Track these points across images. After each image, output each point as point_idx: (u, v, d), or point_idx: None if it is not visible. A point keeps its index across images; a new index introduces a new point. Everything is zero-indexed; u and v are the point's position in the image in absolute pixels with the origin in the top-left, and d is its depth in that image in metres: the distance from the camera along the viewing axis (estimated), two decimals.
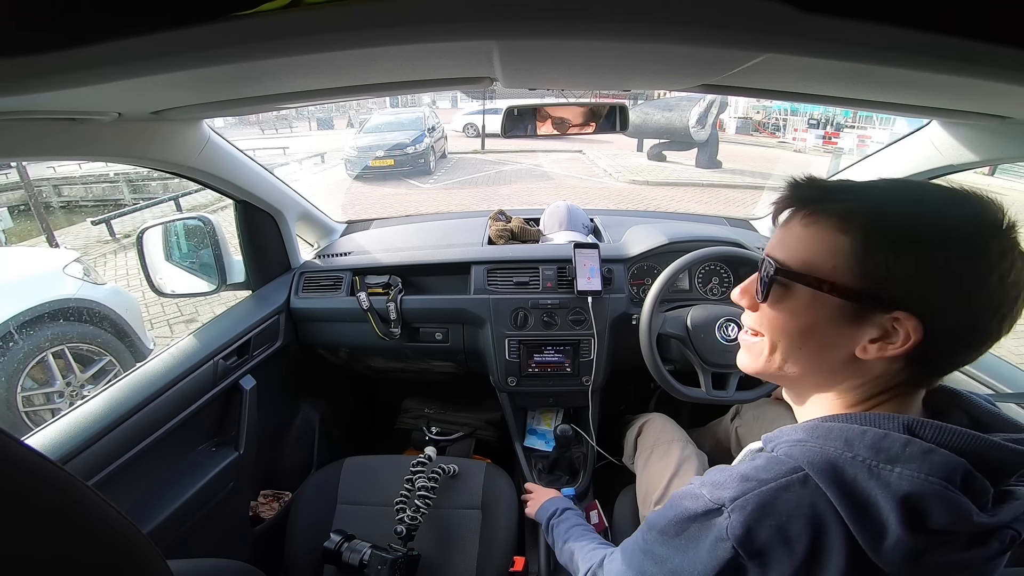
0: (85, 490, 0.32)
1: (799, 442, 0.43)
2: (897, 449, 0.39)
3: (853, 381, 0.45)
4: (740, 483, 0.43)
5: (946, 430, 0.40)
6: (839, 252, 0.42)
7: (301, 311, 1.35)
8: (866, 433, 0.41)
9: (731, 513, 0.42)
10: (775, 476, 0.42)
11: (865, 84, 0.57)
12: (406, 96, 11.87)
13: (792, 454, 0.43)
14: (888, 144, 1.17)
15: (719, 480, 0.45)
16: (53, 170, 8.04)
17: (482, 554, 1.03)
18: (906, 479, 0.38)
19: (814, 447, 0.42)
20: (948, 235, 0.40)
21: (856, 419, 0.43)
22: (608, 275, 1.29)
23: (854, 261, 0.41)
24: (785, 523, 0.40)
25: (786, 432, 0.46)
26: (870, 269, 0.41)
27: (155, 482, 0.95)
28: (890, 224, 0.41)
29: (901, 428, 0.41)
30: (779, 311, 0.47)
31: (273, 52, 0.37)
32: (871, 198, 0.43)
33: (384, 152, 9.15)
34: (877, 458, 0.39)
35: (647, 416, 1.23)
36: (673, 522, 0.47)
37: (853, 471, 0.39)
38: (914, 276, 0.40)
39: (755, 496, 0.41)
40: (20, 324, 2.34)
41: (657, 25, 0.35)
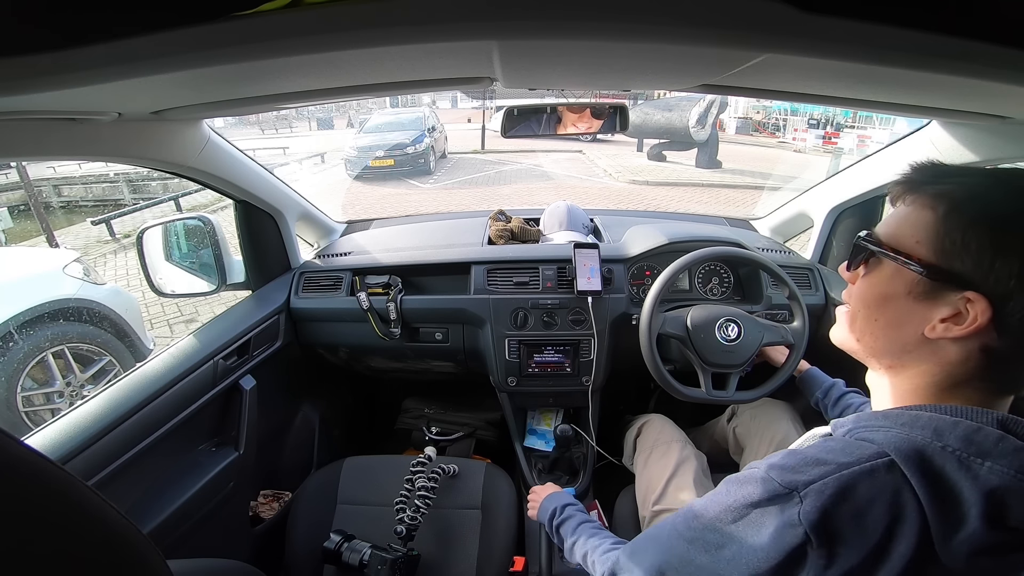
0: (85, 490, 0.32)
1: (881, 428, 0.42)
2: (990, 444, 0.38)
3: (926, 365, 0.45)
4: (815, 467, 0.41)
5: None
6: (923, 227, 0.43)
7: (301, 311, 1.35)
8: (958, 424, 0.40)
9: (805, 497, 0.40)
10: (857, 460, 0.40)
11: (865, 84, 0.57)
12: (406, 96, 11.87)
13: (874, 439, 0.42)
14: (888, 144, 1.17)
15: (789, 463, 0.43)
16: (53, 170, 8.04)
17: (482, 554, 1.03)
18: (996, 474, 0.37)
19: (900, 434, 0.41)
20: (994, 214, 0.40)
21: (947, 410, 0.42)
22: (608, 275, 1.29)
23: (935, 236, 0.42)
24: (864, 509, 0.39)
25: (864, 418, 0.46)
26: (947, 245, 0.41)
27: (155, 482, 0.95)
28: (971, 202, 0.41)
29: (995, 423, 0.40)
30: (865, 281, 0.49)
31: (273, 52, 0.37)
32: (970, 179, 0.43)
33: (384, 152, 9.15)
34: (968, 450, 0.39)
35: (646, 417, 1.23)
36: (731, 508, 0.45)
37: (942, 461, 0.39)
38: (986, 255, 0.39)
39: (835, 480, 0.40)
40: (20, 324, 2.34)
41: (657, 25, 0.35)
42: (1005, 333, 0.40)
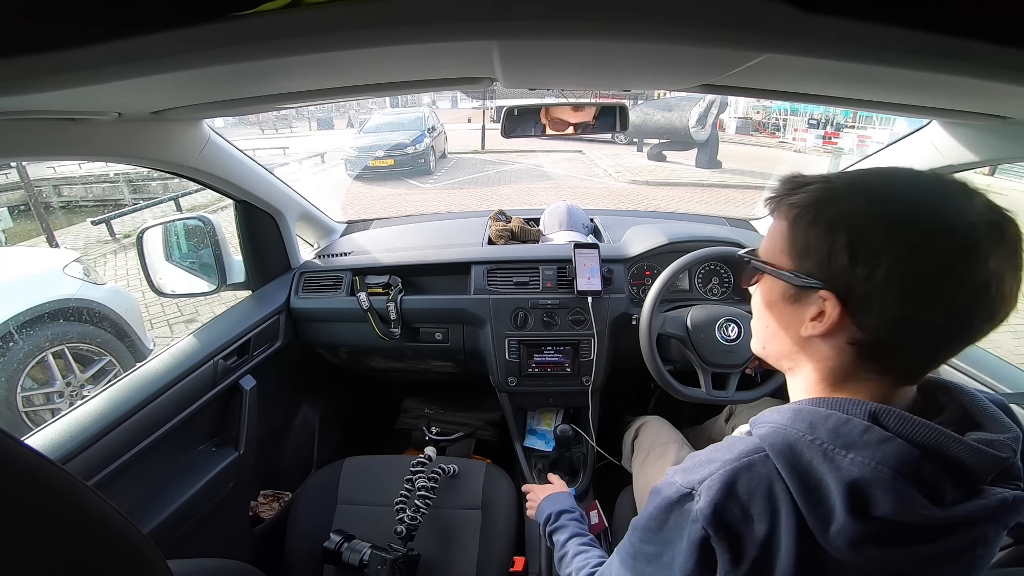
0: (85, 490, 0.32)
1: (769, 423, 0.44)
2: (855, 435, 0.39)
3: (811, 363, 0.47)
4: (706, 465, 0.44)
5: (909, 420, 0.40)
6: (781, 236, 0.46)
7: (301, 311, 1.35)
8: (830, 417, 0.41)
9: (700, 496, 0.42)
10: (738, 456, 0.43)
11: (865, 84, 0.57)
12: (406, 96, 11.87)
13: (761, 434, 0.44)
14: (888, 144, 1.17)
15: (689, 465, 0.46)
16: (53, 170, 8.04)
17: (482, 554, 1.03)
18: (856, 465, 0.38)
19: (779, 428, 0.43)
20: (860, 217, 0.41)
21: (825, 403, 0.44)
22: (608, 275, 1.29)
23: (790, 243, 0.45)
24: (747, 501, 0.41)
25: (765, 414, 0.47)
26: (799, 250, 0.44)
27: (155, 482, 0.95)
28: (810, 207, 0.43)
29: (865, 415, 0.41)
30: (755, 294, 0.52)
31: (273, 52, 0.37)
32: (815, 186, 0.45)
33: (384, 152, 9.15)
34: (835, 443, 0.40)
35: (644, 419, 1.23)
36: (654, 516, 0.47)
37: (810, 454, 0.40)
38: (825, 254, 0.42)
39: (720, 475, 0.42)
40: (20, 324, 2.34)
41: (657, 25, 0.35)
42: (862, 325, 0.41)
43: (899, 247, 0.38)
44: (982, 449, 0.39)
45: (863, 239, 0.40)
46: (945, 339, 0.41)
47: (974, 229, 0.38)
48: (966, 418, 0.44)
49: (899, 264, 0.38)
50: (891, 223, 0.39)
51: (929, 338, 0.41)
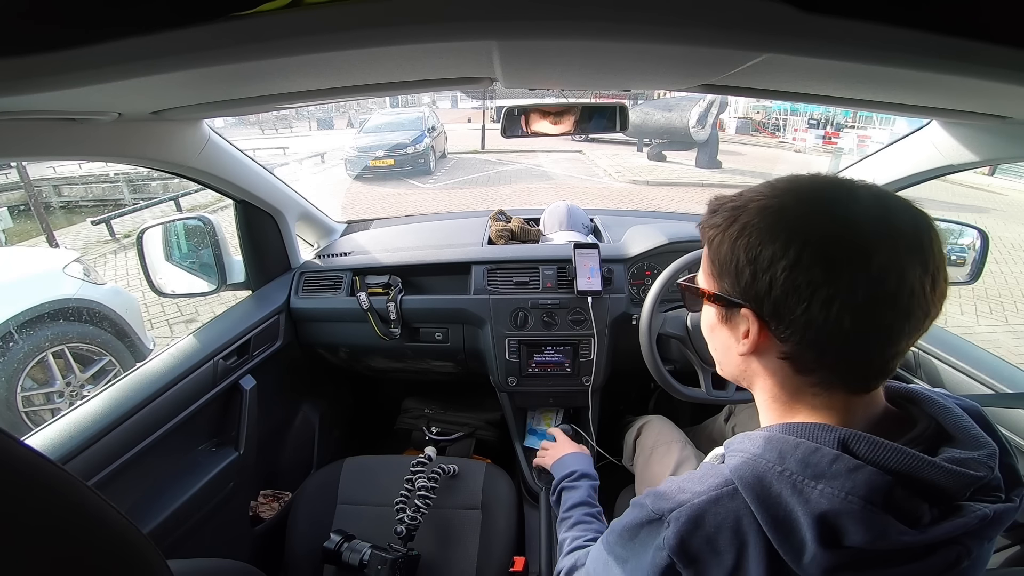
0: (85, 490, 0.32)
1: (740, 452, 0.44)
2: (824, 465, 0.39)
3: (760, 382, 0.48)
4: (677, 494, 0.44)
5: (880, 445, 0.39)
6: (704, 258, 0.48)
7: (301, 311, 1.35)
8: (799, 447, 0.41)
9: (668, 524, 0.43)
10: (707, 488, 0.43)
11: (865, 84, 0.57)
12: (406, 96, 11.87)
13: (731, 465, 0.43)
14: (888, 144, 1.17)
15: (661, 491, 0.46)
16: (53, 170, 8.04)
17: (482, 554, 1.03)
18: (826, 497, 0.37)
19: (749, 459, 0.42)
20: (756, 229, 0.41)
21: (795, 429, 0.43)
22: (608, 275, 1.29)
23: (710, 267, 0.47)
24: (714, 535, 0.41)
25: (737, 441, 0.47)
26: (716, 272, 0.45)
27: (155, 482, 0.95)
28: (715, 229, 0.44)
29: (835, 443, 0.40)
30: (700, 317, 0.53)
31: (273, 52, 0.37)
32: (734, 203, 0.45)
33: (384, 152, 9.15)
34: (804, 473, 0.39)
35: (646, 418, 1.23)
36: (628, 527, 0.48)
37: (779, 487, 0.39)
38: (733, 272, 0.43)
39: (688, 509, 0.42)
40: (20, 324, 2.34)
41: (657, 25, 0.35)
42: (782, 338, 0.41)
43: (789, 254, 0.39)
44: (956, 470, 0.38)
45: (760, 250, 0.40)
46: (862, 343, 0.39)
47: (858, 227, 0.38)
48: (939, 432, 0.43)
49: (793, 271, 0.38)
50: (782, 231, 0.40)
51: (844, 343, 0.39)
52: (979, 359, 1.01)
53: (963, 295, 4.06)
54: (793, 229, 0.39)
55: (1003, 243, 5.41)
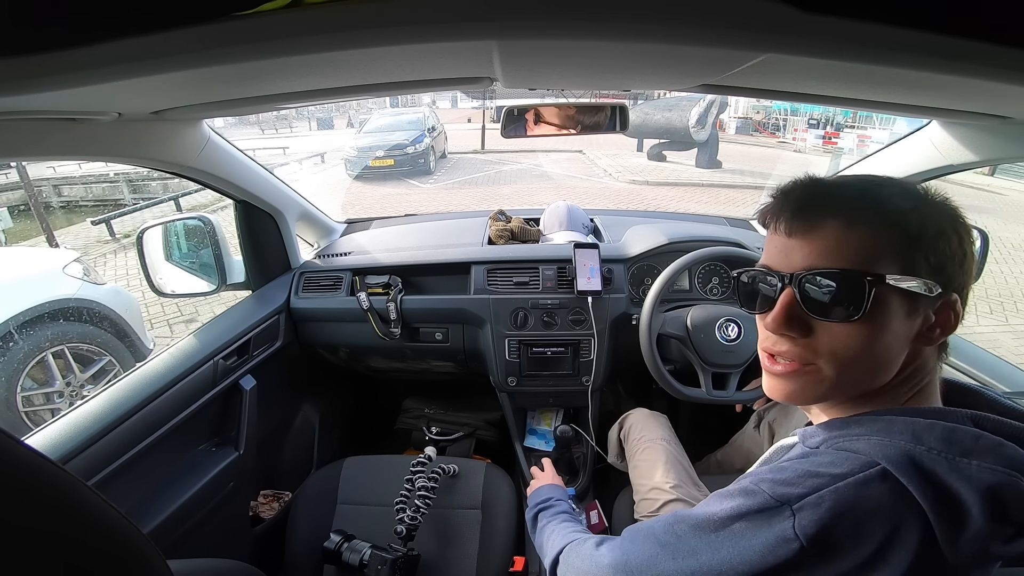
0: (85, 490, 0.32)
1: (860, 436, 0.42)
2: (969, 442, 0.39)
3: (899, 376, 0.45)
4: (809, 479, 0.41)
5: (1005, 424, 0.41)
6: (895, 248, 0.43)
7: (301, 311, 1.35)
8: (934, 427, 0.40)
9: (799, 511, 0.40)
10: (850, 471, 0.40)
11: (865, 84, 0.57)
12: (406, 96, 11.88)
13: (858, 448, 0.41)
14: (888, 144, 1.17)
15: (781, 477, 0.42)
16: (53, 170, 8.03)
17: (482, 554, 1.03)
18: (986, 471, 0.37)
19: (883, 441, 0.40)
20: (945, 218, 0.44)
21: (918, 412, 0.43)
22: (608, 275, 1.29)
23: (908, 254, 0.43)
24: (863, 520, 0.39)
25: (835, 426, 0.45)
26: (920, 261, 0.43)
27: (155, 482, 0.95)
28: (919, 216, 0.43)
29: (968, 421, 0.41)
30: (856, 327, 0.43)
31: (273, 52, 0.37)
32: (885, 195, 0.45)
33: (384, 152, 9.15)
34: (951, 451, 0.38)
35: (627, 413, 1.21)
36: (715, 518, 0.44)
37: (932, 464, 0.38)
38: (950, 258, 0.43)
39: (831, 492, 0.39)
40: (20, 324, 2.34)
41: (657, 25, 0.35)
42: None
43: (955, 232, 0.44)
44: None
45: (949, 232, 0.43)
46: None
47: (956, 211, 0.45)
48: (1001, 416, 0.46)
49: (961, 247, 0.44)
50: (941, 216, 0.44)
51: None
52: (979, 359, 1.01)
53: None
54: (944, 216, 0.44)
55: (1003, 243, 5.41)
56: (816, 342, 0.45)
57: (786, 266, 0.46)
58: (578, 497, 1.23)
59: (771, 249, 0.48)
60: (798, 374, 0.46)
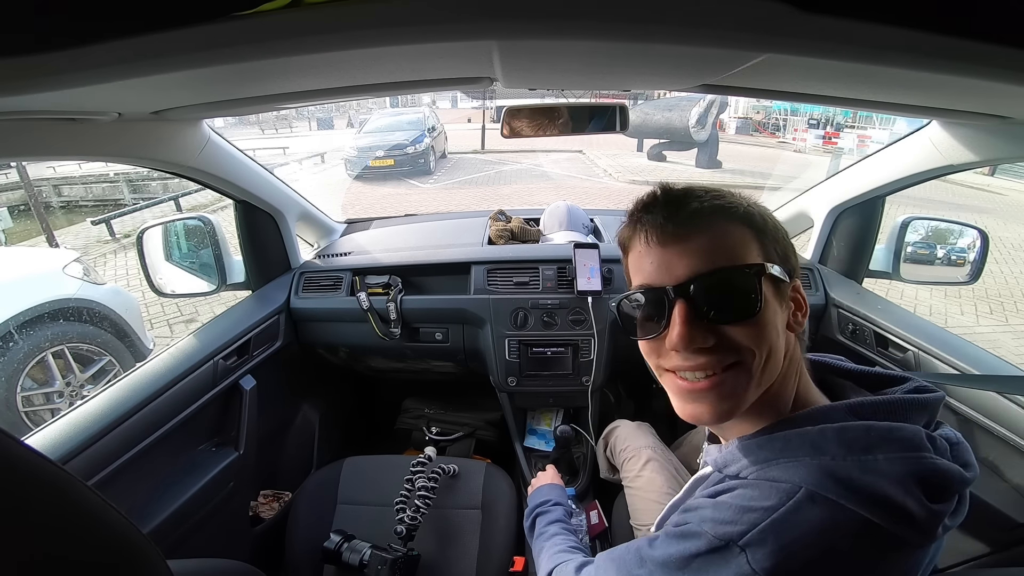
0: (85, 490, 0.32)
1: (768, 462, 0.43)
2: (863, 438, 0.40)
3: (788, 367, 0.47)
4: (744, 514, 0.41)
5: (886, 403, 0.42)
6: (755, 241, 0.46)
7: (301, 311, 1.35)
8: (824, 431, 0.41)
9: (747, 548, 0.39)
10: (780, 502, 0.40)
11: (865, 84, 0.57)
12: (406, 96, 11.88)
13: (776, 476, 0.41)
14: (888, 144, 1.17)
15: (719, 516, 0.42)
16: (53, 170, 8.04)
17: (482, 554, 1.03)
18: (894, 462, 0.38)
19: (791, 463, 0.41)
20: (768, 212, 0.49)
21: (801, 421, 0.43)
22: (608, 275, 1.29)
23: (764, 245, 0.46)
24: (811, 543, 0.38)
25: (736, 456, 0.46)
26: (776, 249, 0.47)
27: (155, 482, 0.95)
28: (758, 211, 0.48)
29: (850, 415, 0.42)
30: (759, 321, 0.43)
31: (273, 52, 0.37)
32: (726, 195, 0.48)
33: (384, 152, 9.15)
34: (852, 452, 0.39)
35: (611, 426, 1.19)
36: (674, 559, 0.44)
37: (845, 471, 0.39)
38: (789, 246, 0.48)
39: (770, 525, 0.39)
40: (20, 324, 2.34)
41: (657, 25, 0.35)
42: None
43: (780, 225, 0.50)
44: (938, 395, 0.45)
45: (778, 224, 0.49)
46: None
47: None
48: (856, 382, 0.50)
49: (788, 237, 0.50)
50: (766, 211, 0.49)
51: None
52: (979, 359, 1.01)
53: (963, 295, 4.06)
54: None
55: (1003, 243, 5.41)
56: (727, 341, 0.44)
57: (669, 278, 0.44)
58: (578, 497, 1.23)
59: (644, 267, 0.47)
60: (724, 380, 0.44)
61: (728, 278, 0.43)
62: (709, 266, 0.43)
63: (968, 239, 1.19)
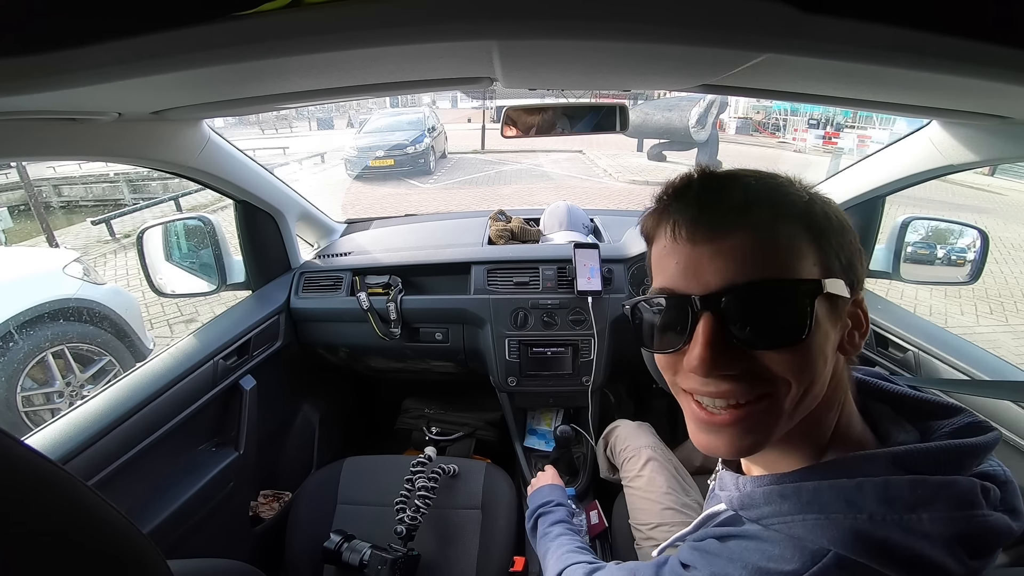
0: (85, 490, 0.32)
1: (795, 516, 0.37)
2: (908, 495, 0.34)
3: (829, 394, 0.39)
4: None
5: (936, 452, 0.36)
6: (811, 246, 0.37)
7: (301, 311, 1.35)
8: (863, 486, 0.35)
9: None
10: (803, 566, 0.35)
11: (865, 84, 0.57)
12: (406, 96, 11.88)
13: (800, 535, 0.36)
14: (888, 144, 1.17)
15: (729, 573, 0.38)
16: (53, 170, 8.04)
17: (482, 554, 1.03)
18: (940, 523, 0.33)
19: (820, 520, 0.35)
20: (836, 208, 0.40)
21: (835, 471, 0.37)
22: (608, 275, 1.29)
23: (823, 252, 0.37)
24: None
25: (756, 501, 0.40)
26: (840, 257, 0.38)
27: (155, 482, 0.95)
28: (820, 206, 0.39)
29: (893, 468, 0.35)
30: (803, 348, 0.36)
31: (273, 52, 0.37)
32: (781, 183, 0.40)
33: (384, 152, 9.16)
34: (894, 511, 0.34)
35: (612, 425, 1.19)
36: None
37: (882, 533, 0.33)
38: (855, 253, 0.39)
39: None
40: (20, 324, 2.34)
41: (657, 25, 0.35)
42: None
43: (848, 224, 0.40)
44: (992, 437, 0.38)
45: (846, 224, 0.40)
46: None
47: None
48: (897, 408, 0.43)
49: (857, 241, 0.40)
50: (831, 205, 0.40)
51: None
52: (979, 359, 1.01)
53: (963, 295, 4.06)
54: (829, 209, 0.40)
55: (1003, 243, 5.41)
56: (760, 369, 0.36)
57: (697, 286, 0.37)
58: (578, 497, 1.23)
59: (668, 267, 0.39)
60: (750, 415, 0.37)
61: (771, 295, 0.35)
62: (748, 276, 0.35)
63: (968, 239, 1.19)
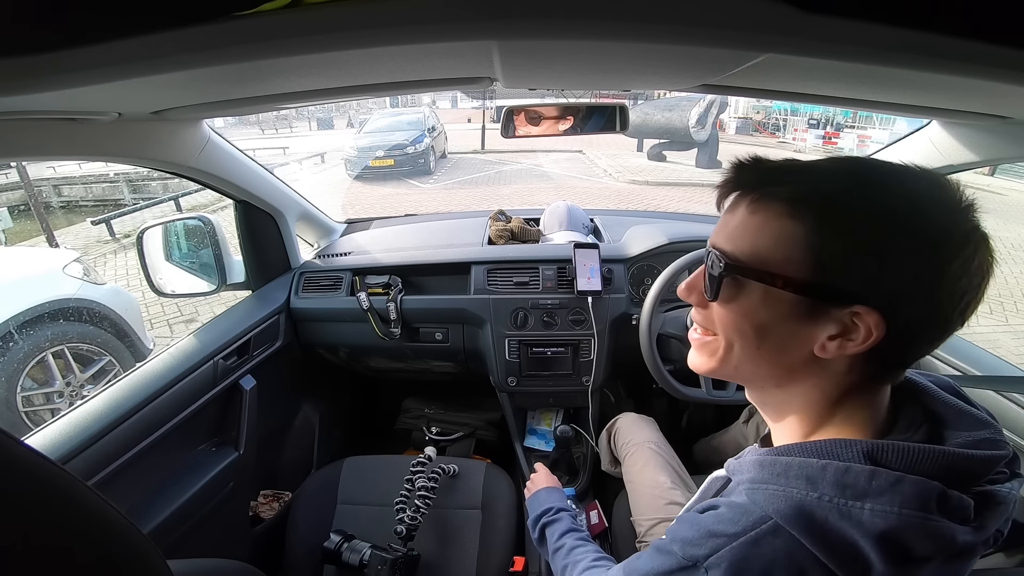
0: (85, 490, 0.32)
1: (761, 484, 0.41)
2: (863, 483, 0.36)
3: (815, 380, 0.43)
4: (709, 539, 0.41)
5: (911, 451, 0.37)
6: (790, 241, 0.38)
7: (301, 311, 1.35)
8: (827, 468, 0.38)
9: (708, 570, 0.40)
10: (743, 529, 0.39)
11: (865, 84, 0.57)
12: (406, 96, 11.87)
13: (756, 500, 0.40)
14: (888, 144, 1.17)
15: (689, 536, 0.43)
16: (53, 170, 8.04)
17: (482, 554, 1.03)
18: (879, 515, 0.35)
19: (777, 491, 0.39)
20: (905, 216, 0.36)
21: (813, 450, 0.40)
22: (608, 275, 1.29)
23: (807, 251, 0.38)
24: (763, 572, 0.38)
25: (746, 466, 0.45)
26: (825, 260, 0.38)
27: (155, 482, 0.95)
28: (842, 207, 0.37)
29: (862, 457, 0.38)
30: (731, 309, 0.43)
31: (273, 52, 0.37)
32: (821, 178, 0.40)
33: (384, 152, 9.16)
34: (844, 496, 0.36)
35: (616, 418, 1.20)
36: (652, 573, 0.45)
37: (823, 513, 0.37)
38: (873, 266, 0.36)
39: (728, 553, 0.39)
40: (20, 324, 2.34)
41: (657, 25, 0.35)
42: (895, 336, 0.38)
43: (919, 244, 0.36)
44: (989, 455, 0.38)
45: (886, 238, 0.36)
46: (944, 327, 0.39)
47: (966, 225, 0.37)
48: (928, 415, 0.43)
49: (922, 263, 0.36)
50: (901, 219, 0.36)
51: (932, 334, 0.39)
52: (979, 359, 1.01)
53: None
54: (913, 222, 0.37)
55: (1003, 243, 5.41)
56: (712, 313, 0.46)
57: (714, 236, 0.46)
58: (578, 497, 1.23)
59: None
60: (704, 343, 0.48)
61: (715, 260, 0.43)
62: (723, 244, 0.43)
63: None
